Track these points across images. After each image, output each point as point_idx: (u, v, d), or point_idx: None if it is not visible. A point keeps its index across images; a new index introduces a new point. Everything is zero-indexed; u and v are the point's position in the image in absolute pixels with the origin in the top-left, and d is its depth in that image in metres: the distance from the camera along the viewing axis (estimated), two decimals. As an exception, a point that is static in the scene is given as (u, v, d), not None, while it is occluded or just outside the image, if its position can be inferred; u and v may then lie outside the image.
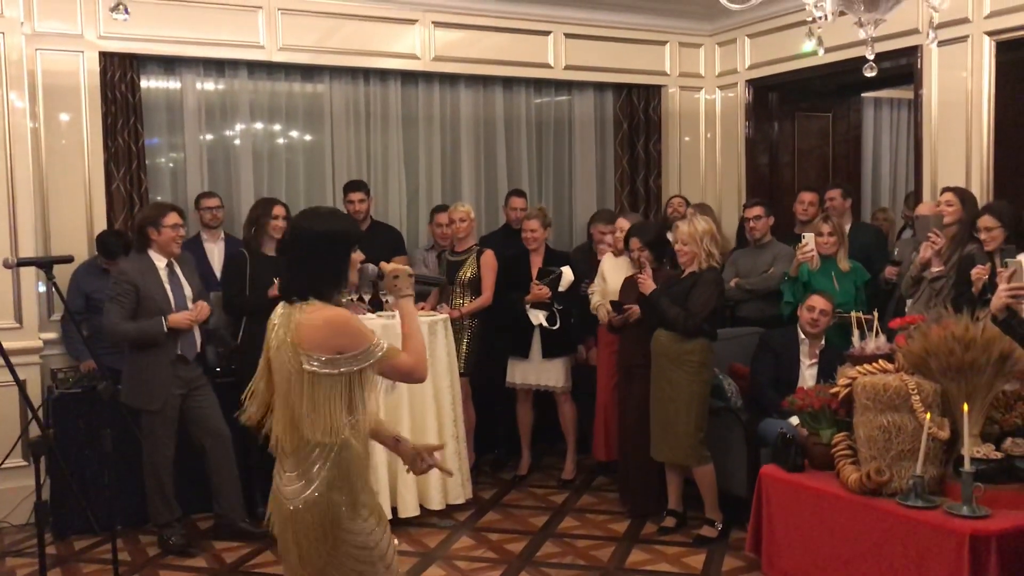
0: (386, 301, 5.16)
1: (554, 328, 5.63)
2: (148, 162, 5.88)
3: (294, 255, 2.56)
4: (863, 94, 7.82)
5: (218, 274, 5.58)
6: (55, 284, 3.92)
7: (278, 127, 6.38)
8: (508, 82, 7.00)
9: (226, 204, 5.95)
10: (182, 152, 6.10)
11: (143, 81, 5.86)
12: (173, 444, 4.70)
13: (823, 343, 4.96)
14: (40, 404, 4.87)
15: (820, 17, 2.87)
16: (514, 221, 6.25)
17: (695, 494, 4.84)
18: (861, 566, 3.50)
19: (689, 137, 7.50)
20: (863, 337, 4.24)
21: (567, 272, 5.66)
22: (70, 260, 4.37)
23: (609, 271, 5.53)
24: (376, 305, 5.23)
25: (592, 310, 5.60)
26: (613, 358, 5.39)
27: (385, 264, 2.73)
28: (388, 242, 5.89)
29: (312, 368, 2.42)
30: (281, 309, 2.55)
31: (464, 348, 5.60)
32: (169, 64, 5.97)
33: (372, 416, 2.61)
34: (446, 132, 6.84)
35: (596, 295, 5.58)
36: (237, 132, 6.23)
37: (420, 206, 6.75)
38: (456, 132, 6.86)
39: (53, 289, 4.21)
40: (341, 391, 2.45)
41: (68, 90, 5.52)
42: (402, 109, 6.66)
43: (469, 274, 5.64)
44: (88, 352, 4.76)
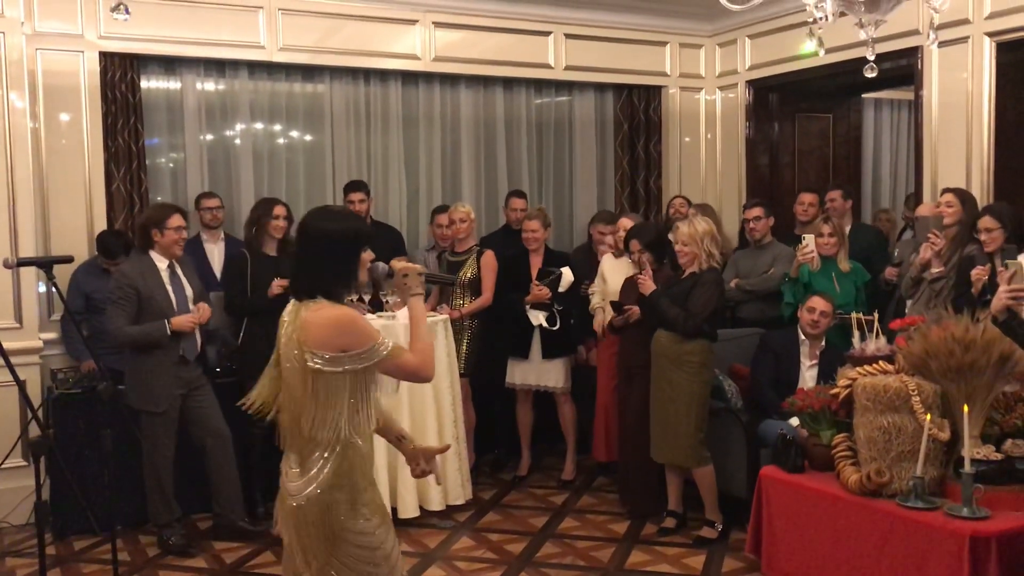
0: (386, 302, 5.16)
1: (554, 329, 5.63)
2: (148, 162, 5.87)
3: (304, 253, 2.57)
4: (863, 95, 7.82)
5: (218, 275, 5.59)
6: (55, 284, 3.92)
7: (278, 127, 6.38)
8: (508, 82, 6.99)
9: (226, 204, 5.95)
10: (182, 152, 6.09)
11: (143, 81, 5.85)
12: (173, 444, 4.70)
13: (823, 344, 4.96)
14: (40, 404, 4.88)
15: (821, 18, 2.86)
16: (514, 222, 6.25)
17: (695, 495, 4.84)
18: (861, 567, 3.50)
19: (689, 138, 7.50)
20: (863, 338, 4.25)
21: (567, 273, 5.66)
22: (70, 260, 4.38)
23: (609, 272, 5.53)
24: (376, 305, 5.23)
25: (591, 311, 5.60)
26: (613, 359, 5.39)
27: (396, 263, 2.75)
28: (388, 242, 5.88)
29: (316, 365, 2.43)
30: (291, 306, 2.57)
31: (464, 348, 5.60)
32: (169, 64, 5.97)
33: (379, 413, 2.61)
34: (446, 132, 6.83)
35: (596, 296, 5.59)
36: (237, 132, 6.23)
37: (420, 206, 6.75)
38: (456, 132, 6.86)
39: (53, 289, 4.21)
40: (345, 389, 2.46)
41: (68, 90, 5.52)
42: (402, 109, 6.65)
43: (469, 275, 5.64)
44: (88, 352, 4.75)
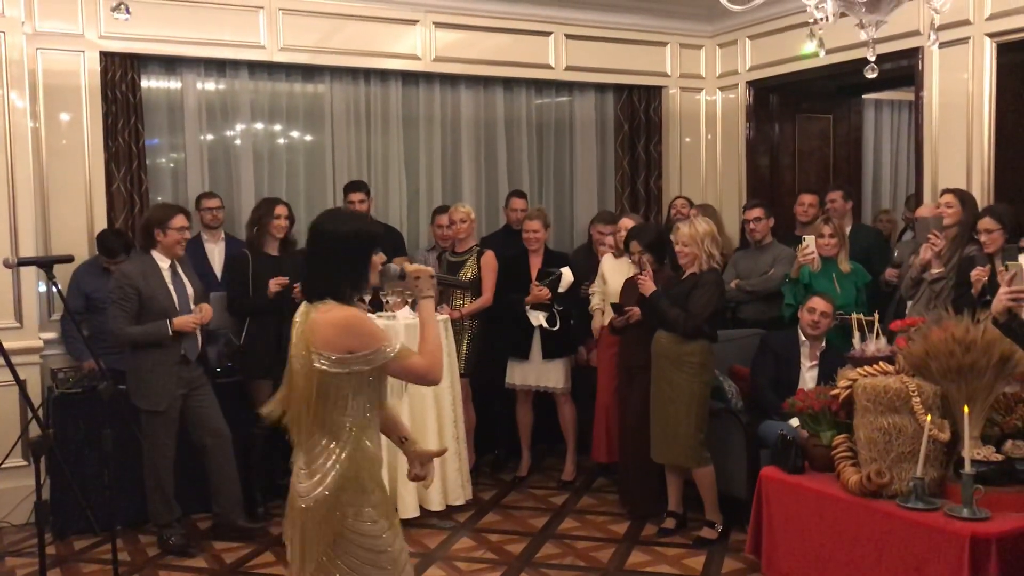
0: (386, 302, 5.16)
1: (554, 329, 5.63)
2: (148, 162, 5.87)
3: (315, 255, 2.58)
4: (864, 96, 7.82)
5: (219, 274, 5.59)
6: (55, 284, 3.91)
7: (279, 127, 6.38)
8: (509, 83, 6.99)
9: (226, 204, 5.94)
10: (183, 152, 6.09)
11: (144, 81, 5.85)
12: (173, 444, 4.70)
13: (824, 345, 4.96)
14: (40, 404, 4.88)
15: (821, 18, 2.86)
16: (514, 222, 6.25)
17: (695, 495, 4.84)
18: (861, 568, 3.50)
19: (690, 138, 7.50)
20: (864, 339, 4.24)
21: (567, 273, 5.66)
22: (70, 260, 4.37)
23: (609, 272, 5.53)
24: (376, 306, 5.23)
25: (591, 311, 5.60)
26: (613, 359, 5.39)
27: (408, 265, 2.76)
28: (388, 243, 5.87)
29: (322, 366, 2.44)
30: (303, 308, 2.58)
31: (464, 349, 5.60)
32: (170, 64, 5.97)
33: (388, 413, 2.62)
34: (447, 133, 6.83)
35: (596, 296, 5.59)
36: (238, 132, 6.22)
37: (420, 207, 6.74)
38: (457, 133, 6.86)
39: (53, 289, 4.21)
40: (351, 391, 2.46)
41: (69, 90, 5.52)
42: (403, 110, 6.65)
43: (469, 275, 5.64)
44: (88, 352, 4.74)
